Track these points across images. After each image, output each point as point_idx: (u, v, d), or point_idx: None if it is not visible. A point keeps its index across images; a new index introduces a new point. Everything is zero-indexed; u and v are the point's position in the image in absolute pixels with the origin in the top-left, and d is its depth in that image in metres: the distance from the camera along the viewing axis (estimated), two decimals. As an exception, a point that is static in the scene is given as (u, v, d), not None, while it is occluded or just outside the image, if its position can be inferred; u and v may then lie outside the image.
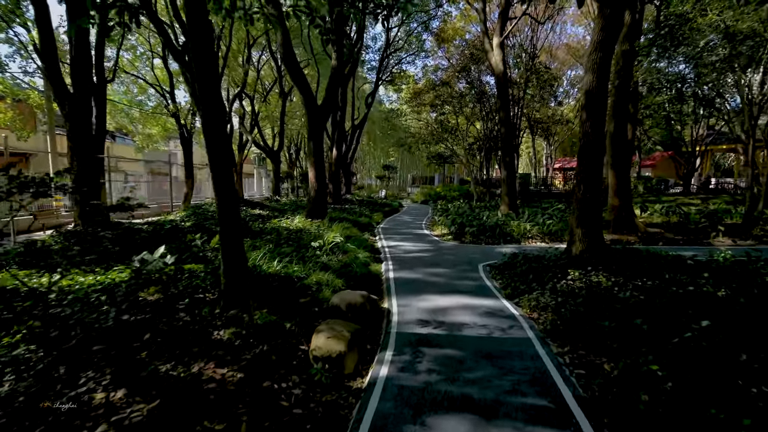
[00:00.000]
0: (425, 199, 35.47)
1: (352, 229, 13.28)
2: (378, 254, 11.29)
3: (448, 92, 29.54)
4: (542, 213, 16.09)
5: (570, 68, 47.80)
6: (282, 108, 28.10)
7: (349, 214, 18.32)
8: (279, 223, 13.46)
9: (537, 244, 12.57)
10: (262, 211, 17.66)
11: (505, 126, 19.05)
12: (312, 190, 14.61)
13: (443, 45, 34.85)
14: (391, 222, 19.51)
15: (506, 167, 19.20)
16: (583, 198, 8.24)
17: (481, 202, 26.78)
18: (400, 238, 14.15)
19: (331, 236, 9.12)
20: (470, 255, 10.96)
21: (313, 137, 14.32)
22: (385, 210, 24.51)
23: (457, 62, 30.43)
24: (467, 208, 20.02)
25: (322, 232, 12.10)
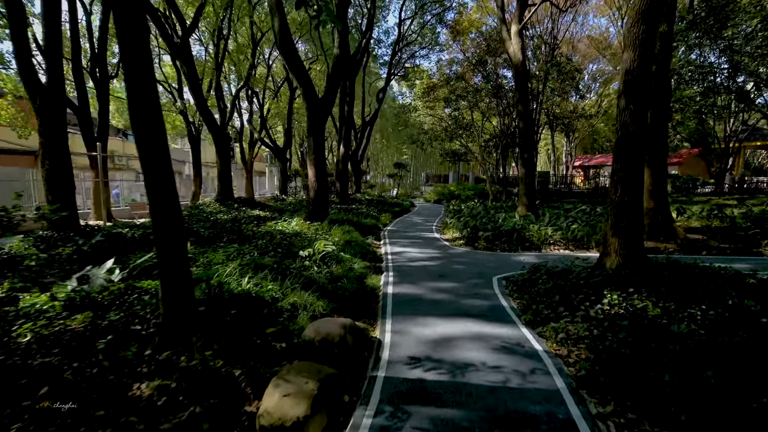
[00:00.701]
0: (438, 199, 34.08)
1: (353, 233, 12.09)
2: (379, 262, 10.06)
3: (463, 86, 28.10)
4: (564, 215, 14.60)
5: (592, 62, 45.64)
6: (289, 104, 27.11)
7: (354, 216, 17.14)
8: (275, 226, 12.37)
9: (560, 251, 11.15)
10: (262, 211, 16.65)
11: (523, 120, 17.57)
12: (312, 190, 13.47)
13: (458, 38, 33.33)
14: (399, 224, 18.26)
15: (525, 164, 17.72)
16: (621, 202, 6.84)
17: (496, 202, 25.29)
18: (407, 242, 12.90)
19: (321, 244, 7.93)
20: (484, 265, 9.64)
21: (312, 133, 13.17)
22: (394, 210, 23.27)
23: (472, 55, 28.94)
24: (481, 209, 18.63)
25: (318, 237, 10.94)
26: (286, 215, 15.18)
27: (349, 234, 12.00)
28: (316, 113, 13.06)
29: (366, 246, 11.19)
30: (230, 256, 7.87)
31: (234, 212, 15.59)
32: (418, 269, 9.17)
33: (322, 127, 13.30)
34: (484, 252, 11.37)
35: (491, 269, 9.16)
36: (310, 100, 12.92)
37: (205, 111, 16.32)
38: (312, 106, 12.98)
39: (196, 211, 15.51)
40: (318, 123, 13.14)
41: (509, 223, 12.59)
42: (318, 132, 13.18)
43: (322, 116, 13.21)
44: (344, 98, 22.15)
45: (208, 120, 16.69)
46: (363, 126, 30.52)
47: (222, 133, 17.42)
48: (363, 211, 19.21)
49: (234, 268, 6.56)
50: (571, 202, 26.92)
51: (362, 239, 12.04)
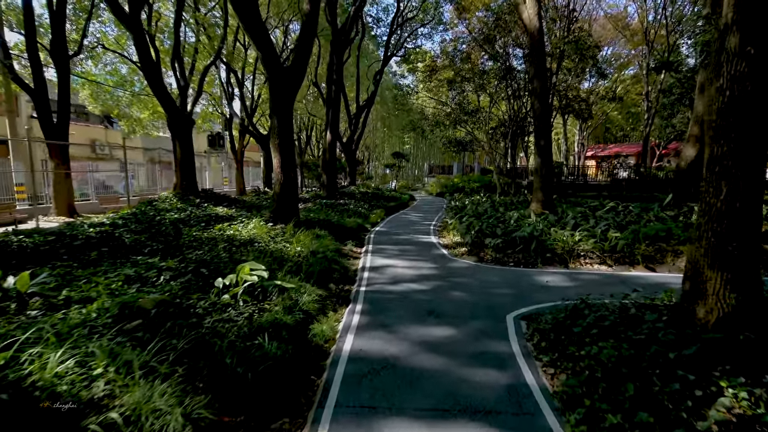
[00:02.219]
0: (441, 191, 31.30)
1: (325, 240, 9.39)
2: (349, 284, 7.37)
3: (468, 68, 25.12)
4: (592, 215, 11.78)
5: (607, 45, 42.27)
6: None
7: (337, 213, 14.45)
8: (226, 230, 9.71)
9: (595, 267, 8.39)
10: (228, 209, 13.99)
11: (539, 100, 14.67)
12: (276, 183, 10.76)
13: (464, 16, 30.14)
14: (391, 223, 15.53)
15: (541, 153, 14.87)
16: (728, 210, 4.07)
17: (505, 196, 22.46)
18: (395, 251, 10.18)
19: (246, 269, 5.24)
20: (493, 290, 6.91)
21: (276, 111, 10.42)
22: (389, 205, 20.54)
23: (479, 32, 25.85)
24: (488, 206, 15.84)
25: (273, 248, 8.27)
26: (253, 214, 12.52)
27: (320, 241, 9.31)
28: (281, 86, 10.30)
29: (337, 259, 8.49)
30: (112, 284, 5.22)
31: (191, 210, 12.96)
32: (401, 299, 6.46)
33: (288, 104, 10.54)
34: (493, 267, 8.64)
35: (505, 299, 6.44)
36: (273, 69, 10.15)
37: (159, 88, 13.59)
38: (275, 77, 10.22)
39: (147, 208, 12.91)
40: (283, 98, 10.39)
41: (525, 227, 9.80)
42: (283, 110, 10.43)
43: (288, 90, 10.44)
44: (331, 76, 19.29)
45: (163, 99, 13.96)
46: (358, 111, 27.65)
47: (180, 115, 14.72)
48: (350, 207, 16.51)
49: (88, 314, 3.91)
50: (590, 197, 24.03)
51: (335, 248, 9.33)
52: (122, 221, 10.47)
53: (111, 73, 27.28)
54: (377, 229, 13.73)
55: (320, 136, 45.48)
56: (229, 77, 25.05)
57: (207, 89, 29.97)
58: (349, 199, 19.70)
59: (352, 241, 10.90)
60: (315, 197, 18.96)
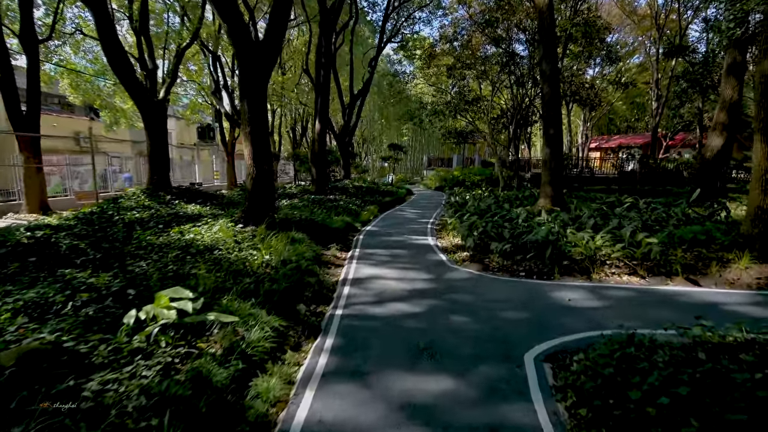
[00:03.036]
0: (440, 185, 29.82)
1: (300, 246, 7.93)
2: (324, 304, 5.94)
3: (469, 54, 23.51)
4: (610, 212, 10.31)
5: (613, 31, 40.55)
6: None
7: (324, 211, 13.00)
8: (187, 233, 8.26)
9: (624, 279, 6.95)
10: (202, 206, 12.51)
11: (549, 85, 13.15)
12: (248, 178, 9.28)
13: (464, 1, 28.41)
14: (385, 221, 14.06)
15: (550, 143, 13.39)
16: None
17: (508, 190, 21.00)
18: (385, 256, 8.73)
19: (164, 299, 3.78)
20: (504, 314, 5.47)
21: (247, 93, 8.90)
22: (384, 201, 19.07)
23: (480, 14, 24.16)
24: (491, 202, 14.37)
25: (235, 257, 6.84)
26: (227, 213, 11.04)
27: (295, 246, 7.86)
28: (252, 63, 8.78)
29: (313, 269, 7.06)
30: None
31: (158, 208, 11.50)
32: (387, 327, 5.02)
33: (260, 86, 9.02)
34: (501, 278, 7.19)
35: (519, 327, 5.01)
36: (241, 44, 8.62)
37: (123, 70, 12.03)
38: (244, 53, 8.70)
39: (109, 206, 11.45)
40: (255, 79, 8.87)
41: (538, 229, 8.32)
42: (255, 92, 8.91)
43: (260, 68, 8.92)
44: (319, 60, 17.69)
45: (128, 81, 12.41)
46: (352, 100, 26.05)
47: (150, 102, 13.17)
48: (340, 204, 15.04)
49: None
50: (598, 190, 22.58)
51: (313, 255, 7.88)
52: (72, 223, 9.04)
53: (92, 61, 25.67)
54: (368, 229, 12.27)
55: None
56: (216, 65, 23.45)
57: (197, 78, 28.43)
58: (340, 194, 18.23)
59: (336, 245, 9.44)
60: (303, 192, 17.50)
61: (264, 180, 9.21)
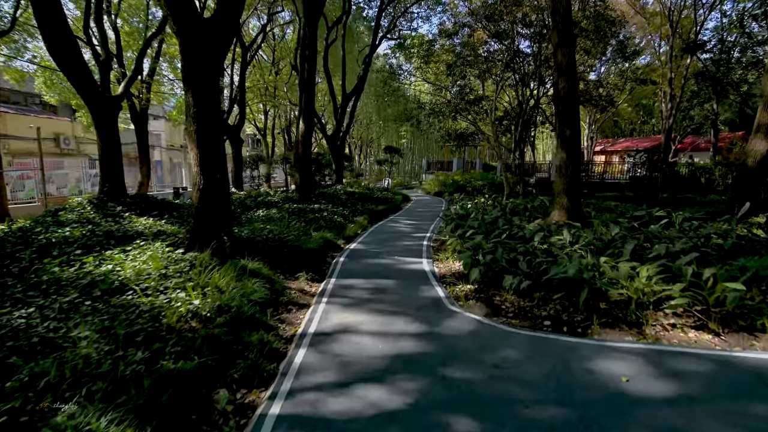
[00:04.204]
0: (440, 190, 27.92)
1: (249, 283, 5.99)
2: (260, 387, 3.99)
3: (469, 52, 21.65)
4: (648, 232, 8.36)
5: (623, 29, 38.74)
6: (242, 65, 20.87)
7: (304, 224, 11.09)
8: (108, 263, 6.33)
9: (691, 336, 5.00)
10: (153, 220, 10.57)
11: (565, 77, 11.25)
12: (194, 190, 7.35)
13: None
14: (374, 236, 12.11)
15: (565, 145, 11.48)
16: None
17: (514, 197, 19.08)
18: (366, 293, 6.77)
19: None
20: (534, 414, 3.51)
21: (192, 81, 7.00)
22: (377, 209, 17.17)
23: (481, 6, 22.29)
24: (498, 213, 12.43)
25: (151, 302, 4.93)
26: (183, 228, 9.12)
27: (244, 283, 5.93)
28: (198, 44, 6.88)
29: (260, 319, 5.12)
30: None
31: (101, 223, 9.58)
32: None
33: (210, 73, 7.11)
34: (520, 331, 5.25)
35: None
36: (182, 18, 6.71)
37: (65, 55, 10.11)
38: (187, 29, 6.79)
39: (45, 218, 9.56)
40: (202, 64, 6.97)
41: (567, 262, 6.34)
42: (202, 81, 7.00)
43: (209, 51, 7.01)
44: (304, 52, 15.75)
45: (71, 71, 10.50)
46: (344, 99, 24.16)
47: (100, 98, 11.27)
48: (324, 215, 13.11)
49: None
50: (611, 198, 20.65)
51: (266, 295, 5.94)
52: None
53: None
54: (352, 248, 10.33)
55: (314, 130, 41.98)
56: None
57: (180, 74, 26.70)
58: (327, 202, 16.30)
59: (306, 274, 7.50)
60: (285, 200, 15.56)
61: (214, 192, 7.27)
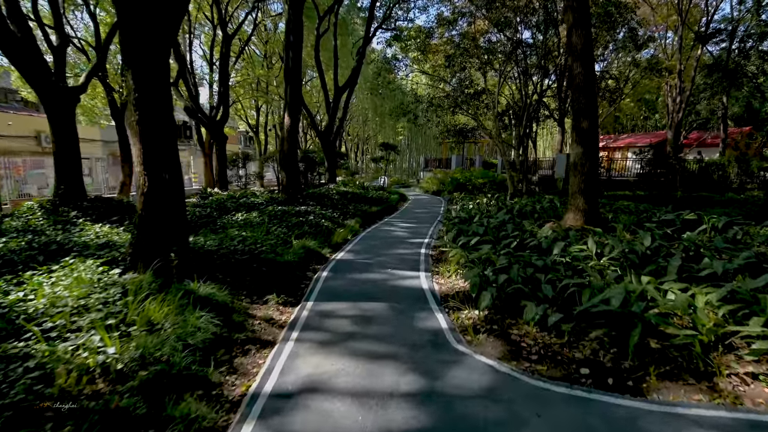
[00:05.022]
0: (438, 189, 26.58)
1: (193, 317, 4.61)
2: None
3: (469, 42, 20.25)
4: (688, 242, 7.01)
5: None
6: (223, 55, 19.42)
7: (286, 230, 9.72)
8: (22, 289, 4.95)
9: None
10: (110, 228, 9.17)
11: (582, 62, 9.88)
12: (138, 193, 5.97)
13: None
14: (366, 243, 10.73)
15: (582, 139, 10.14)
16: None
17: (519, 196, 17.75)
18: (349, 324, 5.37)
19: None
20: None
21: (133, 60, 5.62)
22: (370, 210, 15.81)
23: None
24: (505, 216, 11.07)
25: (50, 351, 3.53)
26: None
27: (185, 317, 4.57)
28: (139, 13, 5.50)
29: (196, 373, 3.76)
30: None
31: (49, 231, 8.20)
32: None
33: (155, 49, 5.71)
34: (550, 386, 3.90)
35: None
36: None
37: (7, 41, 8.71)
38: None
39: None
40: (146, 33, 5.58)
41: (599, 282, 4.99)
42: (146, 59, 5.61)
43: (156, 18, 5.63)
44: (288, 38, 14.29)
45: (18, 59, 9.10)
46: (337, 93, 22.73)
47: (54, 89, 9.86)
48: (310, 218, 11.74)
49: None
50: (622, 197, 19.32)
51: (213, 334, 4.58)
52: None
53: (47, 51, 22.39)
54: (339, 258, 8.96)
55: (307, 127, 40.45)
56: (178, 47, 20.10)
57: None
58: (316, 203, 14.92)
59: (277, 297, 6.12)
60: (269, 201, 14.18)
61: (162, 197, 5.89)
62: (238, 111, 36.76)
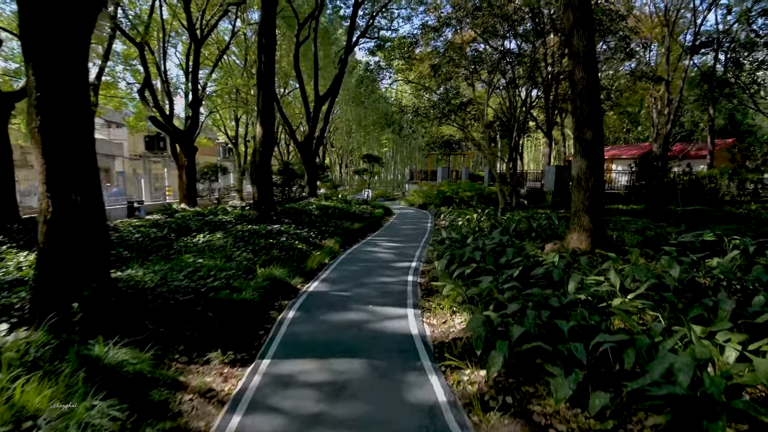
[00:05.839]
0: (424, 202, 25.48)
1: (81, 408, 3.26)
2: None
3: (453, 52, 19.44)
4: (729, 271, 5.92)
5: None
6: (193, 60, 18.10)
7: (250, 254, 8.34)
8: None
9: None
10: (34, 257, 7.69)
11: (584, 66, 8.92)
12: (40, 224, 4.58)
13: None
14: (345, 269, 9.38)
15: (586, 151, 9.13)
16: None
17: (510, 212, 16.70)
18: (312, 396, 3.95)
19: None
20: None
21: (33, 49, 4.30)
22: (353, 228, 14.51)
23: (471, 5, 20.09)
24: (501, 237, 9.90)
25: None
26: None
27: (66, 417, 3.19)
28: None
29: None
30: None
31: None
32: None
33: (67, 37, 4.41)
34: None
35: None
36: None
37: None
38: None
39: None
40: (51, 19, 4.28)
41: (669, 356, 3.78)
42: (53, 50, 4.30)
43: (64, 9, 4.33)
44: (261, 40, 13.03)
45: None
46: (318, 102, 21.54)
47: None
48: (282, 240, 10.36)
49: None
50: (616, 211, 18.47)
51: (116, 427, 3.22)
52: None
53: (9, 58, 20.78)
54: (312, 289, 7.61)
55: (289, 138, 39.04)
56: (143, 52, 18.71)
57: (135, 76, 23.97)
58: (293, 220, 13.55)
59: (222, 355, 4.73)
60: (239, 219, 12.76)
61: (72, 224, 4.50)
62: (217, 122, 35.30)
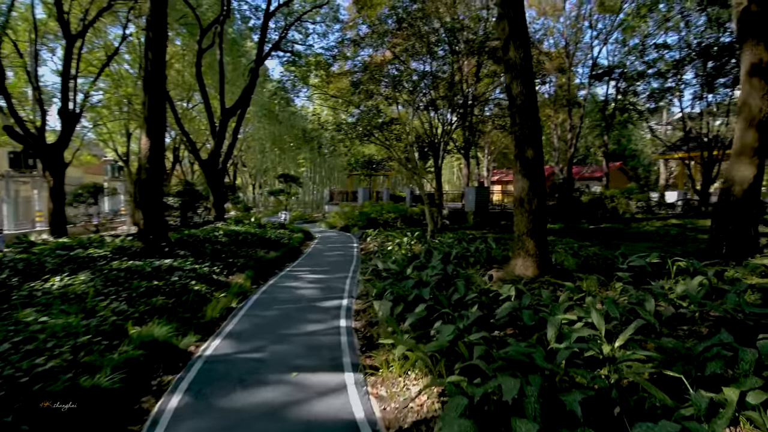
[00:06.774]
0: (346, 224, 23.99)
1: None
2: None
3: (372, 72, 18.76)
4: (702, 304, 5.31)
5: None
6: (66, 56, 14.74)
7: (125, 302, 6.00)
8: None
9: None
10: None
11: (521, 80, 8.32)
12: None
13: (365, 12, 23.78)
14: (257, 314, 7.37)
15: (527, 171, 8.46)
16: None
17: (440, 234, 15.91)
18: None
19: None
20: None
21: None
22: (267, 258, 12.41)
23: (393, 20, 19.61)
24: (439, 264, 8.75)
25: None
26: None
27: None
28: None
29: None
30: None
31: None
32: None
33: None
34: None
35: None
36: None
37: None
38: None
39: None
40: None
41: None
42: None
43: None
44: (147, 34, 10.72)
45: None
46: (224, 115, 19.10)
47: None
48: (172, 281, 8.03)
49: None
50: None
51: None
52: None
53: None
54: (211, 352, 5.57)
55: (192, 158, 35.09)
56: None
57: None
58: (192, 252, 11.08)
59: None
60: (117, 252, 10.00)
61: None
62: (103, 136, 30.44)
